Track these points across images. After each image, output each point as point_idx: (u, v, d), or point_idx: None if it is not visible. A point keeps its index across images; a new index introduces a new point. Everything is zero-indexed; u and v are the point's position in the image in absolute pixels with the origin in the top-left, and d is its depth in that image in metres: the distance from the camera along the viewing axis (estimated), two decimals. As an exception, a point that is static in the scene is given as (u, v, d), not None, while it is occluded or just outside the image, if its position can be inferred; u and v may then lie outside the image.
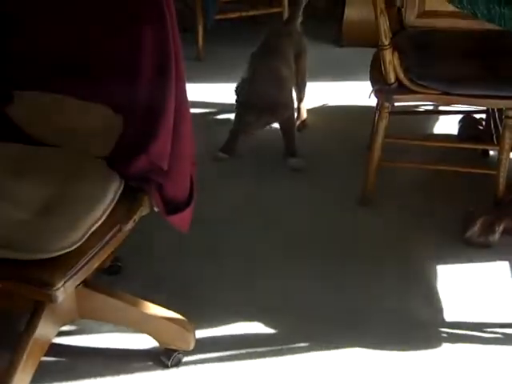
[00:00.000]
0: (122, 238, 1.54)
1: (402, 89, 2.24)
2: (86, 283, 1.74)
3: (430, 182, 2.60)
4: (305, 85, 2.88)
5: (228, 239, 2.31)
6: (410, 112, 2.85)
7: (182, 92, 1.52)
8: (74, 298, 1.74)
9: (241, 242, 2.30)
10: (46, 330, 1.64)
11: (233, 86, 2.65)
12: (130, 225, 1.51)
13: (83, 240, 1.39)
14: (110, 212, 1.50)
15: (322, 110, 3.16)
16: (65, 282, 1.33)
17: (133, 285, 2.06)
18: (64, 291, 1.34)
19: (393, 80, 2.23)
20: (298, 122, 2.92)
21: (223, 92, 3.16)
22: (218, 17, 3.56)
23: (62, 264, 1.35)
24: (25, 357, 1.55)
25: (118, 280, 2.10)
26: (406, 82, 2.23)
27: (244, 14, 3.66)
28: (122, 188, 1.56)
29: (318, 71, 3.42)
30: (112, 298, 1.75)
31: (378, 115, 2.34)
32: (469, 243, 2.24)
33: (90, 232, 1.42)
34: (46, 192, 1.51)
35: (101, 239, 1.44)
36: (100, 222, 1.45)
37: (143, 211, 1.59)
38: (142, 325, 1.79)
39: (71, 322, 1.80)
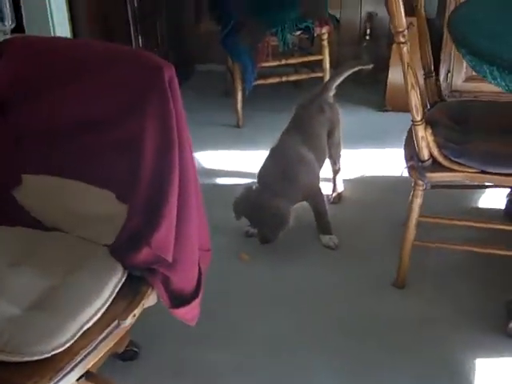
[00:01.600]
0: (123, 333, 1.47)
1: (437, 166, 2.13)
2: (89, 376, 1.68)
3: (471, 264, 2.45)
4: (339, 157, 2.82)
5: (254, 323, 2.21)
6: (453, 186, 2.66)
7: (188, 178, 1.47)
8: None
9: (267, 326, 2.20)
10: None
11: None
12: (129, 320, 1.44)
13: (74, 340, 1.32)
14: (109, 306, 1.44)
15: (360, 180, 3.07)
16: (51, 388, 1.26)
17: (148, 373, 1.99)
18: (50, 397, 1.27)
19: (426, 157, 2.13)
20: (334, 195, 2.85)
21: (261, 160, 3.10)
22: (258, 82, 3.55)
23: (49, 367, 1.28)
24: None
25: (134, 366, 2.03)
26: (440, 159, 2.12)
27: (284, 79, 3.64)
28: (123, 279, 1.51)
29: (359, 137, 3.38)
30: (116, 392, 1.67)
31: (412, 193, 2.22)
32: (512, 336, 2.08)
33: (81, 331, 1.35)
34: (43, 284, 1.47)
35: (95, 338, 1.37)
36: (95, 319, 1.39)
37: (146, 304, 1.52)
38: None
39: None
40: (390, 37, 3.75)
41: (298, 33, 3.43)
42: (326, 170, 2.86)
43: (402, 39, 1.91)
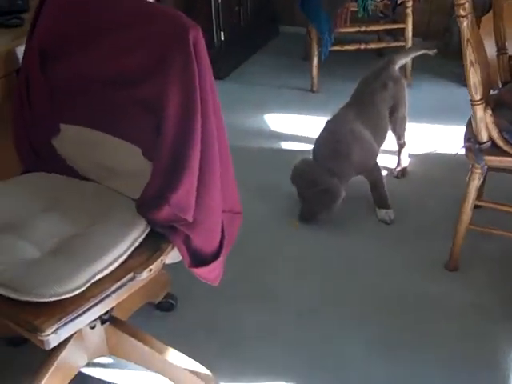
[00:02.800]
0: (138, 286, 1.51)
1: (496, 150, 2.04)
2: (115, 321, 1.75)
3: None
4: (404, 132, 2.75)
5: (291, 289, 2.22)
6: None
7: (211, 143, 1.47)
8: (103, 335, 1.75)
9: (303, 293, 2.20)
10: (71, 358, 1.68)
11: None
12: (145, 274, 1.48)
13: (85, 287, 1.38)
14: (127, 258, 1.48)
15: (427, 156, 2.99)
16: (57, 329, 1.32)
17: (181, 326, 2.04)
18: (57, 337, 1.34)
19: (485, 139, 2.04)
20: (398, 169, 2.80)
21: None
22: (334, 48, 3.49)
23: (57, 310, 1.34)
24: (45, 380, 1.59)
25: (169, 318, 2.09)
26: (500, 142, 2.03)
27: (363, 46, 3.55)
28: (144, 234, 1.54)
29: (435, 112, 3.30)
30: (139, 341, 1.74)
31: (469, 175, 2.14)
32: None
33: (95, 279, 1.40)
34: (67, 230, 1.52)
35: (107, 287, 1.42)
36: (110, 269, 1.44)
37: (166, 261, 1.56)
38: (165, 371, 1.77)
39: (101, 356, 1.80)
40: (484, 9, 3.58)
41: (381, -1, 3.32)
42: (391, 144, 2.79)
43: (462, 12, 1.82)
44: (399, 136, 2.74)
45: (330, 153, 2.43)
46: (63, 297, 1.34)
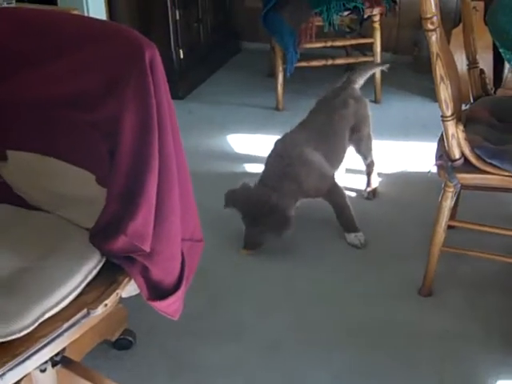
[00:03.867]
0: (93, 323, 1.48)
1: (468, 166, 2.06)
2: (67, 363, 1.71)
3: (507, 276, 2.37)
4: (369, 151, 2.78)
5: (255, 321, 2.21)
6: (489, 188, 2.45)
7: (169, 168, 1.45)
8: (55, 378, 1.71)
9: (267, 323, 2.19)
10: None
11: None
12: (100, 309, 1.45)
13: (35, 326, 1.34)
14: (80, 293, 1.45)
15: (399, 176, 3.02)
16: (3, 374, 1.28)
17: (141, 364, 2.01)
18: (4, 382, 1.30)
19: (457, 156, 2.06)
20: (368, 190, 2.82)
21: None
22: (300, 64, 3.52)
23: (3, 353, 1.30)
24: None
25: (127, 356, 2.05)
26: (472, 159, 2.05)
27: (330, 62, 3.59)
28: (99, 266, 1.51)
29: (406, 128, 3.37)
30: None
31: (442, 194, 2.16)
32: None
33: (45, 317, 1.37)
34: (14, 264, 1.48)
35: (59, 325, 1.38)
36: (62, 306, 1.40)
37: (123, 294, 1.53)
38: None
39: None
40: (455, 21, 3.66)
41: (346, 13, 3.39)
42: (360, 164, 2.83)
43: (430, 26, 1.85)
44: (365, 156, 2.77)
45: (279, 175, 2.44)
46: (9, 338, 1.30)
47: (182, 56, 3.83)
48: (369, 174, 2.83)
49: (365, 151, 2.76)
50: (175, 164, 1.47)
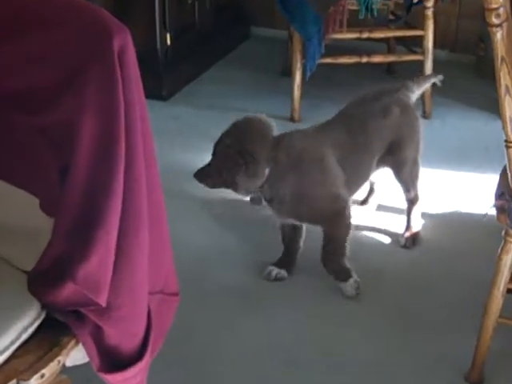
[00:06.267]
0: (25, 398, 1.49)
1: (540, 211, 2.07)
2: None
3: None
4: (414, 182, 2.78)
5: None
6: None
7: (138, 193, 1.48)
8: None
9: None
10: None
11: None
12: (34, 381, 1.46)
13: None
14: (10, 357, 1.46)
15: (448, 218, 3.03)
16: None
17: None
18: None
19: (523, 195, 2.07)
20: (407, 234, 2.83)
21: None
22: (324, 61, 3.55)
23: None
24: None
25: None
26: (544, 201, 2.06)
27: (365, 59, 3.62)
28: (37, 322, 1.52)
29: (463, 155, 3.38)
30: None
31: (502, 246, 2.17)
32: None
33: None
34: None
35: (-22, 401, 1.40)
36: (-18, 375, 1.42)
37: (66, 361, 1.55)
38: None
39: None
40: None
41: (390, -5, 3.37)
42: (398, 198, 2.85)
43: (494, 20, 1.84)
44: (407, 187, 2.78)
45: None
46: None
47: (168, 42, 3.85)
48: (409, 212, 2.84)
49: (408, 180, 2.78)
50: (145, 189, 1.49)
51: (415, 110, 2.78)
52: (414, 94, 2.81)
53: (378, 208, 2.98)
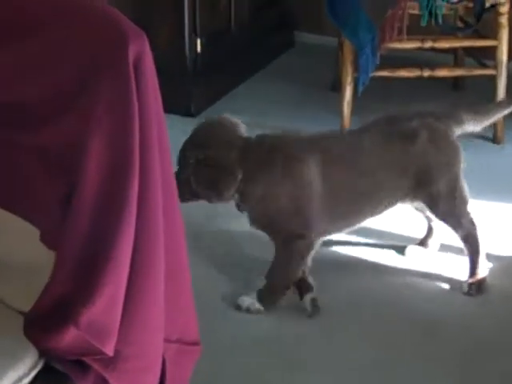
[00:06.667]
0: None
1: None
2: None
3: None
4: (458, 217, 2.78)
5: None
6: None
7: (153, 227, 1.50)
8: None
9: None
10: None
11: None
12: None
13: None
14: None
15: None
16: None
17: None
18: None
19: None
20: (470, 281, 2.82)
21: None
22: (381, 73, 3.56)
23: None
24: None
25: None
26: None
27: (427, 73, 3.61)
28: (34, 372, 1.53)
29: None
30: None
31: None
32: None
33: None
34: None
35: None
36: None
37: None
38: None
39: None
40: None
41: (457, -1, 3.36)
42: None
43: None
44: (451, 224, 2.78)
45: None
46: None
47: (199, 49, 3.87)
48: (469, 254, 2.82)
49: (447, 216, 2.77)
50: (162, 221, 1.51)
51: (451, 136, 2.75)
52: (461, 129, 2.79)
53: (441, 249, 2.95)
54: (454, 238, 2.81)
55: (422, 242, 2.99)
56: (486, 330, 2.67)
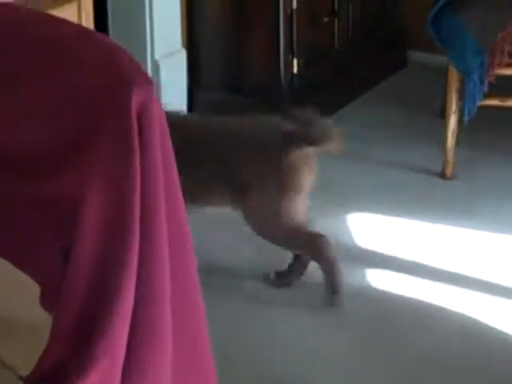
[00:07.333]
0: None
1: None
2: None
3: None
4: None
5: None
6: None
7: (157, 293, 1.44)
8: None
9: None
10: None
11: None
12: None
13: None
14: None
15: None
16: None
17: None
18: None
19: None
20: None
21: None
22: (490, 102, 3.47)
23: None
24: None
25: None
26: None
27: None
28: None
29: None
30: None
31: None
32: None
33: None
34: None
35: None
36: None
37: None
38: None
39: None
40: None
41: None
42: None
43: None
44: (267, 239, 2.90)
45: None
46: None
47: (295, 70, 3.83)
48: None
49: (260, 229, 2.90)
50: (168, 285, 1.46)
51: (289, 154, 2.80)
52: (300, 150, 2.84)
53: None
54: None
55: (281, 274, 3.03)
56: None
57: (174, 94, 3.79)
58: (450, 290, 2.94)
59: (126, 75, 1.40)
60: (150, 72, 3.68)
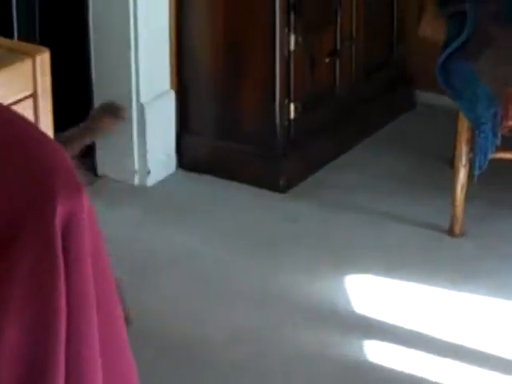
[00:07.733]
0: None
1: None
2: None
3: None
4: None
5: None
6: None
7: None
8: None
9: None
10: None
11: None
12: None
13: None
14: None
15: None
16: None
17: None
18: None
19: None
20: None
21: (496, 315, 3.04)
22: (503, 155, 3.41)
23: None
24: None
25: None
26: None
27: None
28: None
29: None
30: None
31: None
32: None
33: None
34: None
35: None
36: None
37: None
38: None
39: None
40: None
41: None
42: None
43: None
44: None
45: None
46: None
47: (292, 115, 3.74)
48: None
49: None
50: None
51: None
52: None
53: None
54: None
55: None
56: None
57: (160, 138, 3.77)
58: (455, 364, 2.85)
59: (51, 178, 1.33)
60: (134, 115, 3.65)
